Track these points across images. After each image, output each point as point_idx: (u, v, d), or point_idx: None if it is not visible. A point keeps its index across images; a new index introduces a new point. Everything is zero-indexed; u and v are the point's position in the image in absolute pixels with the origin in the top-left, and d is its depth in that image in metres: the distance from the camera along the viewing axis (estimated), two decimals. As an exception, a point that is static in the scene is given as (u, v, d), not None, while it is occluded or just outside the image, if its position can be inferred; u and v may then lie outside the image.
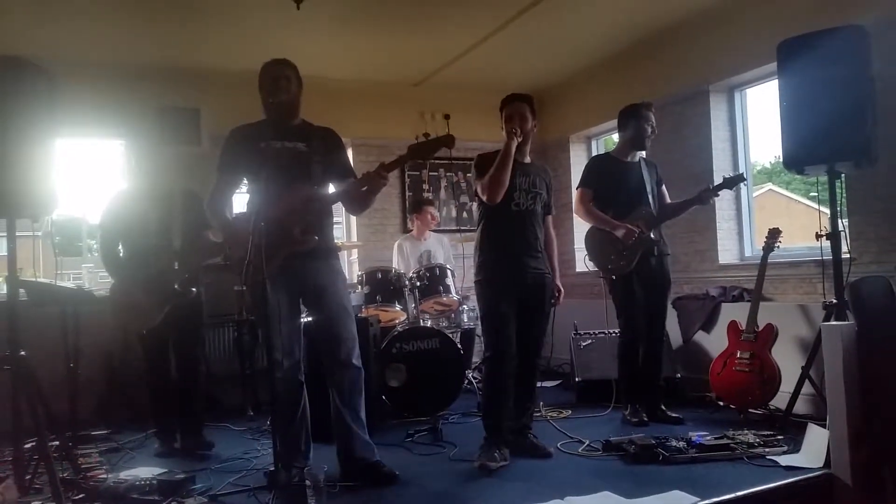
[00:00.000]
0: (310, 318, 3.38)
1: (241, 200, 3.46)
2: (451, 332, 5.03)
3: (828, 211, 3.69)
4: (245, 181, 3.30)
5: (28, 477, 2.93)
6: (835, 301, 3.58)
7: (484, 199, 3.53)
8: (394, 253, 5.89)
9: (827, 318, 3.57)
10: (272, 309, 2.95)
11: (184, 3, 4.60)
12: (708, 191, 4.14)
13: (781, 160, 3.77)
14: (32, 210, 2.90)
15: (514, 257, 3.58)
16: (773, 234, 4.28)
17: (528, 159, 3.73)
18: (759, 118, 5.47)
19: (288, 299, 3.18)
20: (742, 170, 5.27)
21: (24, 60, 2.85)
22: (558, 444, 3.76)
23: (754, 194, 5.55)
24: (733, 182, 4.13)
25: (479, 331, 5.20)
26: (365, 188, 3.13)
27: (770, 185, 14.82)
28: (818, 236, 3.65)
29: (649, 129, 4.31)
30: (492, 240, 3.63)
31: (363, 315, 4.68)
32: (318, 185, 3.24)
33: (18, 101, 2.76)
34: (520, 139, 3.52)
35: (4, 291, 4.33)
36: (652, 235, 4.23)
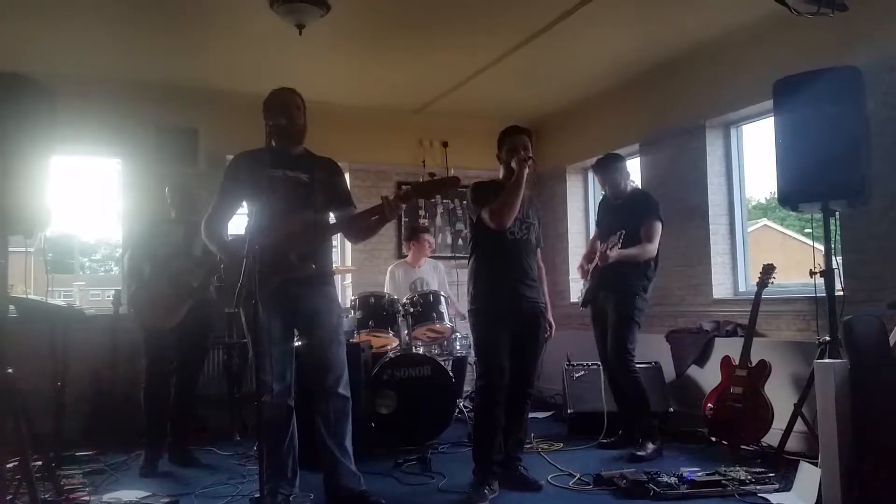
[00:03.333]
0: (301, 343, 3.35)
1: (238, 223, 3.47)
2: (444, 360, 4.99)
3: (822, 248, 3.70)
4: (244, 205, 3.29)
5: (9, 497, 2.87)
6: (828, 339, 3.58)
7: (493, 225, 3.47)
8: (386, 278, 5.88)
9: (820, 356, 3.56)
10: (264, 332, 2.93)
11: (185, 23, 4.64)
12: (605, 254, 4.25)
13: (776, 197, 3.79)
14: (26, 226, 2.89)
15: (509, 286, 3.56)
16: (768, 270, 4.29)
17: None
18: (754, 154, 5.52)
19: (281, 323, 3.16)
20: (738, 205, 5.31)
21: (24, 77, 2.85)
22: (548, 477, 3.71)
23: (749, 230, 5.57)
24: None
25: (471, 359, 5.18)
26: (375, 217, 3.15)
27: (765, 221, 14.88)
28: (812, 273, 3.66)
29: (605, 186, 4.64)
30: (487, 269, 3.61)
31: (355, 340, 4.65)
32: (318, 214, 3.25)
33: (17, 117, 2.76)
34: (532, 168, 3.53)
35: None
36: (587, 280, 4.49)
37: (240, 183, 3.19)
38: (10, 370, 2.79)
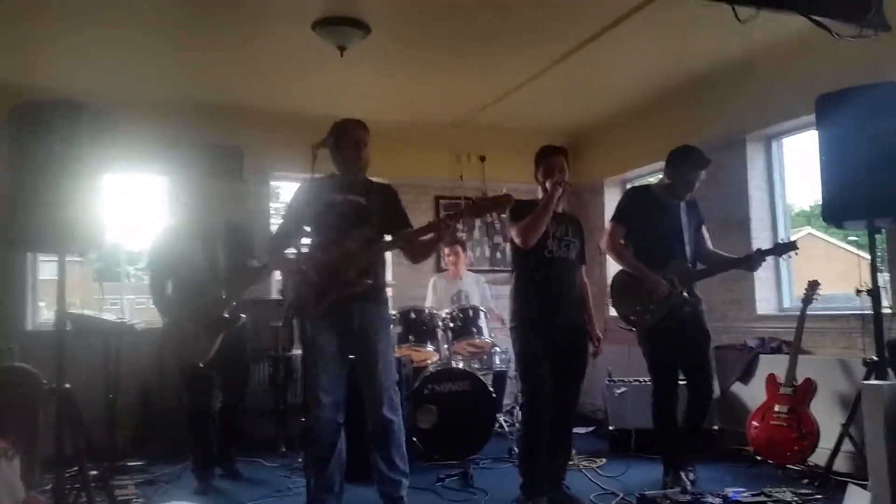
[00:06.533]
0: (352, 358, 3.42)
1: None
2: (483, 375, 5.02)
3: (867, 256, 3.64)
4: (308, 230, 3.39)
5: (67, 506, 2.98)
6: (875, 358, 3.52)
7: (518, 242, 3.55)
8: (428, 290, 5.93)
9: (867, 376, 3.50)
10: (318, 348, 3.05)
11: (231, 45, 4.76)
12: (758, 255, 3.95)
13: (820, 212, 3.73)
14: (81, 246, 3.00)
15: (549, 303, 3.57)
16: (812, 286, 4.23)
17: (561, 209, 3.76)
18: (797, 161, 5.42)
19: (336, 340, 3.25)
20: (780, 218, 5.23)
21: (76, 101, 2.96)
22: (591, 496, 3.71)
23: (792, 238, 5.46)
24: (784, 249, 3.98)
25: (510, 373, 5.20)
26: (430, 235, 3.24)
27: (809, 229, 14.56)
28: (858, 292, 3.60)
29: (694, 186, 4.06)
30: (527, 287, 3.63)
31: (396, 355, 4.70)
32: (375, 232, 3.35)
33: (71, 141, 2.86)
34: (567, 190, 3.55)
35: (51, 320, 4.48)
36: (685, 293, 3.91)
37: (303, 207, 3.33)
38: (68, 385, 2.90)
